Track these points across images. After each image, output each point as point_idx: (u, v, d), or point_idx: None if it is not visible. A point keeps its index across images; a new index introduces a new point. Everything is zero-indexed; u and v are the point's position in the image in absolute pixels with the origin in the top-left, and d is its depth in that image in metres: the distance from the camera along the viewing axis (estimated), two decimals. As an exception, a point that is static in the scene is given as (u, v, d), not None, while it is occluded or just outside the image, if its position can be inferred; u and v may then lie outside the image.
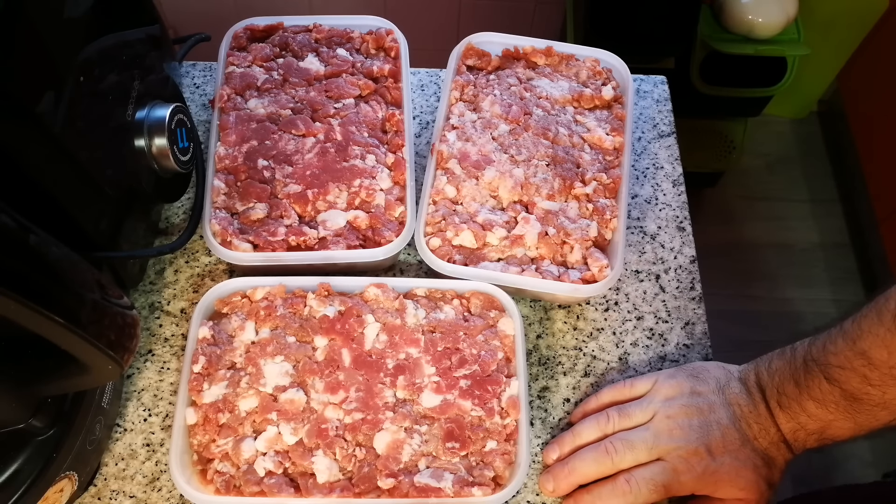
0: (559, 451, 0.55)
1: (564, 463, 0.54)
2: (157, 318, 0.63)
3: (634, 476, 0.51)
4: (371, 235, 0.61)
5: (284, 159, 0.63)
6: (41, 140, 0.44)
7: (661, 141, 0.75)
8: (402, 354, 0.56)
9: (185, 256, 0.66)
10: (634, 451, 0.51)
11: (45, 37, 0.44)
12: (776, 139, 1.88)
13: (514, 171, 0.63)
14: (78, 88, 0.47)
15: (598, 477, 0.52)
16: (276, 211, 0.61)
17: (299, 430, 0.53)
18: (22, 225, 0.36)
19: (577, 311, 0.65)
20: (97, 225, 0.51)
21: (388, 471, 0.52)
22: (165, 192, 0.61)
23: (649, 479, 0.50)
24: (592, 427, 0.54)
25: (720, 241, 1.73)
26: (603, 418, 0.54)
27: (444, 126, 0.66)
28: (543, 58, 0.71)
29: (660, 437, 0.51)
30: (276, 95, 0.66)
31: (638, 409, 0.54)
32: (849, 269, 1.72)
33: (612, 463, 0.51)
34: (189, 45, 0.68)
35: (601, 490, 0.51)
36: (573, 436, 0.55)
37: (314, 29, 0.70)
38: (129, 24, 0.56)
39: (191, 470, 0.52)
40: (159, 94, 0.58)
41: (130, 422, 0.59)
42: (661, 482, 0.50)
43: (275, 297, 0.58)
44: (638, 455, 0.51)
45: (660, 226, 0.70)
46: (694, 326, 0.65)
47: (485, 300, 0.59)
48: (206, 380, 0.54)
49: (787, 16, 1.29)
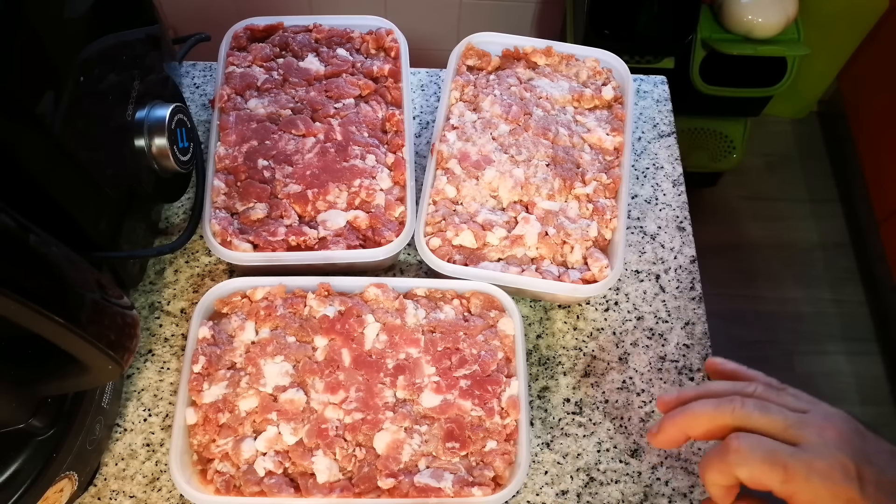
0: (680, 394, 0.44)
1: (676, 410, 0.42)
2: (157, 318, 0.63)
3: (748, 437, 0.38)
4: (371, 235, 0.61)
5: (284, 159, 0.63)
6: (41, 140, 0.44)
7: (661, 141, 0.75)
8: (402, 354, 0.56)
9: (185, 256, 0.66)
10: (768, 415, 0.39)
11: (45, 37, 0.44)
12: (776, 139, 1.88)
13: (514, 171, 0.63)
14: (78, 88, 0.47)
15: (710, 429, 0.41)
16: (276, 211, 0.61)
17: (299, 430, 0.53)
18: (22, 225, 0.36)
19: (577, 311, 0.65)
20: (97, 225, 0.51)
21: (388, 471, 0.52)
22: (165, 192, 0.61)
23: (773, 448, 0.38)
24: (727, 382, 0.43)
25: (720, 241, 1.73)
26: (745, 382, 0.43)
27: (444, 126, 0.66)
28: (543, 58, 0.71)
29: (807, 425, 0.38)
30: (276, 95, 0.66)
31: (792, 398, 0.41)
32: (849, 269, 1.72)
33: (731, 415, 0.40)
34: (189, 45, 0.68)
35: (701, 402, 0.41)
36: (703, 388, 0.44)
37: (314, 29, 0.70)
38: (129, 24, 0.56)
39: (191, 470, 0.52)
40: (159, 94, 0.58)
41: (130, 422, 0.59)
42: (784, 461, 0.37)
43: (275, 297, 0.58)
44: (769, 422, 0.39)
45: (660, 226, 0.70)
46: (694, 326, 0.65)
47: (485, 300, 0.59)
48: (206, 380, 0.54)
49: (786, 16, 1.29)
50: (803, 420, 0.39)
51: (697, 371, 0.63)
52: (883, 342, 1.62)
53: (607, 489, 0.58)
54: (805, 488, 0.37)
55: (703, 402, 0.41)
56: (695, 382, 0.62)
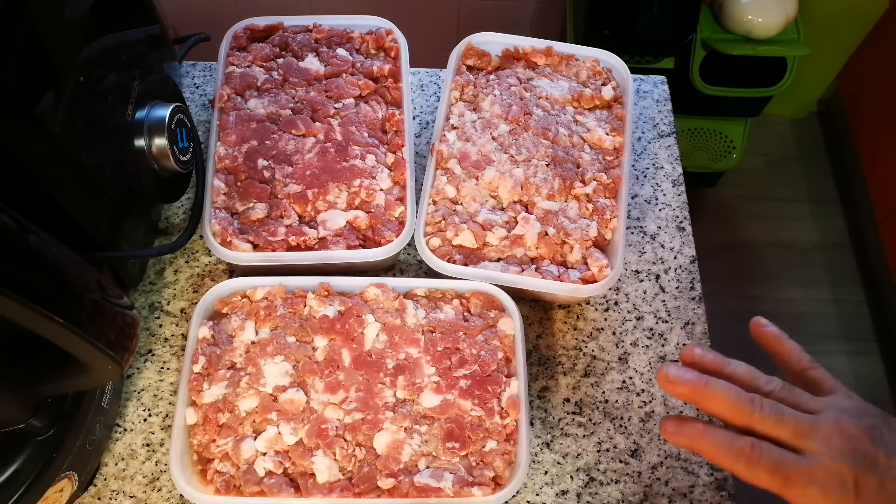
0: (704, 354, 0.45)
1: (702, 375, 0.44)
2: (157, 318, 0.63)
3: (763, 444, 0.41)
4: (371, 235, 0.61)
5: (284, 159, 0.63)
6: (41, 140, 0.44)
7: (661, 141, 0.75)
8: (402, 354, 0.56)
9: (185, 256, 0.66)
10: (781, 423, 0.41)
11: (45, 37, 0.44)
12: (776, 139, 1.88)
13: (514, 171, 0.63)
14: (78, 88, 0.47)
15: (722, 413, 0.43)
16: (276, 211, 0.61)
17: (299, 430, 0.53)
18: (22, 225, 0.36)
19: (577, 311, 0.65)
20: (97, 225, 0.51)
21: (388, 471, 0.52)
22: (165, 192, 0.61)
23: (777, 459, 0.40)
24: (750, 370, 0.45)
25: (720, 241, 1.73)
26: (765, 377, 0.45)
27: (444, 126, 0.66)
28: (543, 58, 0.71)
29: (816, 431, 0.41)
30: (276, 95, 0.66)
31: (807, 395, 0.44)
32: (849, 269, 1.72)
33: (748, 414, 0.42)
34: (189, 45, 0.68)
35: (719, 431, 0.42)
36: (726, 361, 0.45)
37: (314, 29, 0.70)
38: (129, 24, 0.56)
39: (191, 470, 0.52)
40: (159, 94, 0.58)
41: (130, 422, 0.59)
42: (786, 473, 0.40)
43: (275, 297, 0.58)
44: (781, 429, 0.41)
45: (660, 226, 0.70)
46: (694, 326, 0.65)
47: (485, 300, 0.59)
48: (206, 380, 0.54)
49: (786, 16, 1.29)
50: (813, 426, 0.41)
51: (697, 371, 0.63)
52: (883, 342, 1.62)
53: (607, 489, 0.58)
54: (802, 494, 0.40)
55: (725, 388, 0.42)
56: (695, 382, 0.62)
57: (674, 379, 0.43)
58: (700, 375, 0.43)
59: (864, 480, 0.39)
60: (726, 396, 0.42)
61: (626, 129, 0.67)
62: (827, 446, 0.40)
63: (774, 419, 0.42)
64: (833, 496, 0.39)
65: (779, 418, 0.42)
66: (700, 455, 0.48)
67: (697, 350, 0.46)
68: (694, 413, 0.61)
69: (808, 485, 0.40)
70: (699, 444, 0.43)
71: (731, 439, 0.42)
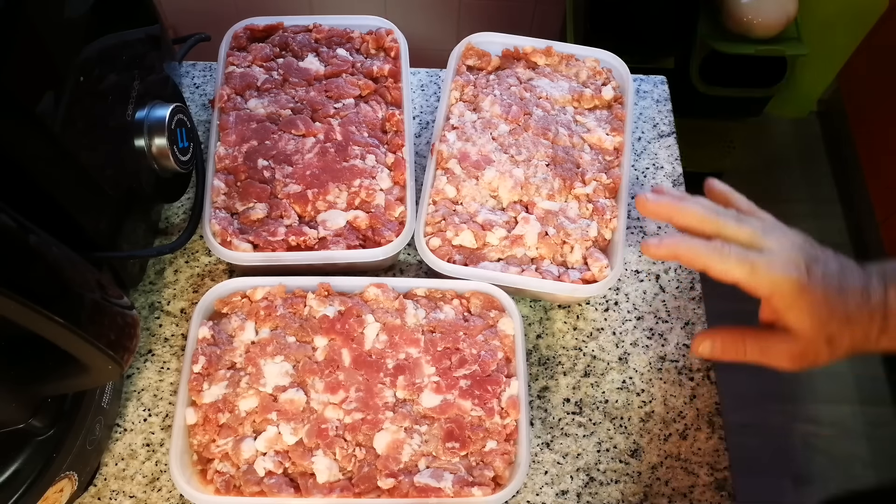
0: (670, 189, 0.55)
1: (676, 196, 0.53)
2: (157, 318, 0.63)
3: (731, 243, 0.50)
4: (371, 235, 0.61)
5: (284, 159, 0.63)
6: (41, 140, 0.44)
7: (661, 141, 0.75)
8: (402, 354, 0.56)
9: (185, 256, 0.66)
10: (741, 228, 0.51)
11: (45, 37, 0.45)
12: (776, 139, 1.88)
13: (514, 171, 0.63)
14: (78, 88, 0.47)
15: (692, 225, 0.51)
16: (276, 211, 0.61)
17: (299, 430, 0.53)
18: (22, 225, 0.36)
19: (577, 311, 0.65)
20: (97, 225, 0.51)
21: (388, 471, 0.52)
22: (165, 192, 0.61)
23: (744, 252, 0.49)
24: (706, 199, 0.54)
25: (720, 241, 1.73)
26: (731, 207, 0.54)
27: (444, 126, 0.66)
28: (543, 58, 0.71)
29: (768, 232, 0.50)
30: (276, 95, 0.66)
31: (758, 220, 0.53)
32: (849, 269, 1.71)
33: (715, 220, 0.51)
34: (189, 45, 0.68)
35: (693, 238, 0.51)
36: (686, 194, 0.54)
37: (314, 29, 0.70)
38: (129, 24, 0.56)
39: (191, 470, 0.52)
40: (159, 94, 0.58)
41: (130, 422, 0.59)
42: (752, 260, 0.49)
43: (275, 297, 0.58)
44: (741, 232, 0.50)
45: (660, 226, 0.70)
46: (694, 326, 0.65)
47: (485, 300, 0.59)
48: (206, 380, 0.54)
49: (786, 16, 1.29)
50: (766, 230, 0.51)
51: (697, 371, 0.63)
52: (883, 342, 1.62)
53: (607, 489, 0.58)
54: (765, 279, 0.48)
55: (695, 202, 0.52)
56: (694, 382, 0.62)
57: (653, 200, 0.52)
58: (674, 197, 0.53)
59: (812, 268, 0.49)
60: (697, 210, 0.51)
61: (626, 129, 0.67)
62: (780, 244, 0.50)
63: (735, 223, 0.51)
64: (792, 276, 0.48)
65: (739, 222, 0.51)
66: (679, 262, 0.56)
67: (664, 187, 0.57)
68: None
69: (770, 268, 0.48)
70: (678, 249, 0.50)
71: (705, 241, 0.50)
